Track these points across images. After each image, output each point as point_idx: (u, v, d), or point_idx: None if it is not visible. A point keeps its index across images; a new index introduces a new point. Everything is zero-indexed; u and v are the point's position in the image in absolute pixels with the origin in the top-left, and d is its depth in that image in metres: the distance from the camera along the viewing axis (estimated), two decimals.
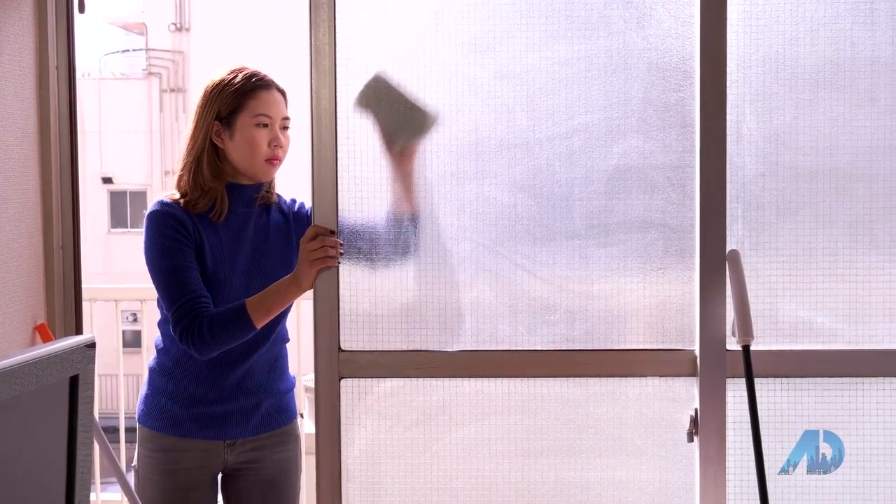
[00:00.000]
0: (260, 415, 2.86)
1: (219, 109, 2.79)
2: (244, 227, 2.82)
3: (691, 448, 2.60)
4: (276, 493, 2.91)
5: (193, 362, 2.79)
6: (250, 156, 2.78)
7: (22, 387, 1.42)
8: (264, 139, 2.78)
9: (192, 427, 2.81)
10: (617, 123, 2.57)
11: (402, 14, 2.58)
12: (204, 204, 2.78)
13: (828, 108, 2.55)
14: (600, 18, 2.55)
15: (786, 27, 2.53)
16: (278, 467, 2.91)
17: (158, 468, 2.82)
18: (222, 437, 2.84)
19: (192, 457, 2.83)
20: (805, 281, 2.57)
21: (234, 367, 2.80)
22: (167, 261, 2.73)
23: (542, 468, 2.63)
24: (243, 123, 2.77)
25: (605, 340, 2.60)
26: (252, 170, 2.80)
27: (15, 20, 2.96)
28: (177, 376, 2.82)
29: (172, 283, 2.72)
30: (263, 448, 2.88)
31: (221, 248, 2.78)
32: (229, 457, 2.85)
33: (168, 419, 2.82)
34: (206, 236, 2.76)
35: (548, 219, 2.59)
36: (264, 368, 2.85)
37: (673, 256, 2.58)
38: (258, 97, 2.79)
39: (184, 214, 2.76)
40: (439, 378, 2.62)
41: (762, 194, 2.56)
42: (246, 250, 2.81)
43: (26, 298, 3.03)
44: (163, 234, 2.74)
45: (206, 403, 2.81)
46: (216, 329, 2.66)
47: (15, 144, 2.97)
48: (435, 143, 2.58)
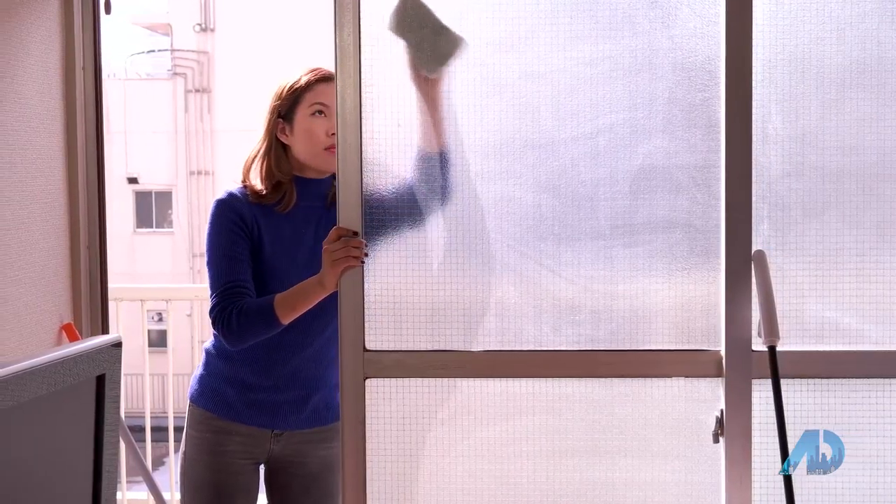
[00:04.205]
0: (309, 408, 2.93)
1: (280, 108, 2.90)
2: (307, 221, 2.89)
3: (717, 449, 2.59)
4: (319, 489, 2.97)
5: (255, 348, 2.85)
6: (310, 146, 2.87)
7: (49, 386, 1.42)
8: (321, 128, 2.86)
9: (244, 411, 2.89)
10: (642, 123, 2.56)
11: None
12: (273, 196, 2.87)
13: (854, 107, 2.53)
14: (625, 18, 2.55)
15: (812, 27, 2.52)
16: (323, 463, 2.97)
17: (206, 448, 2.89)
18: (271, 426, 2.91)
19: (240, 441, 2.90)
20: (832, 281, 2.56)
21: (290, 357, 2.88)
22: (220, 250, 2.83)
23: (567, 468, 2.63)
24: (301, 115, 2.88)
25: (630, 341, 2.60)
26: (314, 160, 2.88)
27: (42, 22, 2.98)
28: (234, 360, 2.90)
29: (220, 269, 2.81)
30: (309, 443, 2.95)
31: (282, 238, 2.86)
32: (275, 447, 2.92)
33: (221, 401, 2.90)
34: (266, 227, 2.85)
35: (572, 219, 2.58)
36: (319, 361, 2.92)
37: (698, 257, 2.57)
38: (314, 89, 2.89)
39: (246, 206, 2.85)
40: (464, 378, 2.62)
41: (788, 194, 2.55)
42: (307, 244, 2.87)
43: (53, 298, 3.05)
44: (221, 224, 2.84)
45: (259, 390, 2.89)
46: (243, 320, 2.73)
47: (42, 145, 2.99)
48: (459, 143, 2.58)
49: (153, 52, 22.24)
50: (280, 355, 2.88)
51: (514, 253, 2.59)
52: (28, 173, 2.91)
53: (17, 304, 2.86)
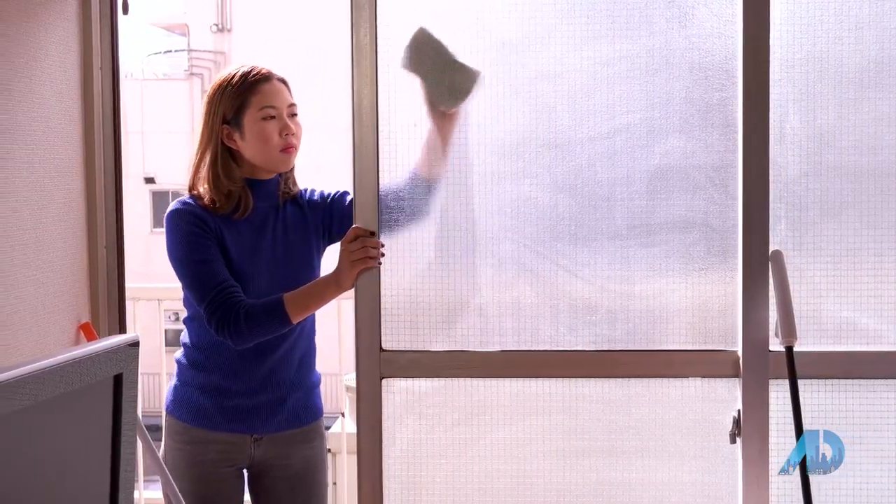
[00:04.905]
0: (287, 410, 2.88)
1: (224, 112, 2.79)
2: (265, 223, 2.84)
3: (734, 450, 2.58)
4: (305, 489, 2.93)
5: (221, 355, 2.82)
6: (265, 150, 2.78)
7: (66, 385, 1.43)
8: (274, 130, 2.78)
9: (220, 419, 2.84)
10: (659, 123, 2.55)
11: (444, 14, 2.58)
12: (227, 206, 2.79)
13: (873, 107, 2.52)
14: (642, 18, 2.54)
15: (830, 26, 2.51)
16: (306, 463, 2.92)
17: (186, 460, 2.85)
18: (249, 430, 2.86)
19: (219, 449, 2.85)
20: (849, 281, 2.55)
21: (262, 360, 2.82)
22: (193, 255, 2.75)
23: (584, 469, 2.62)
24: (250, 120, 2.77)
25: (646, 341, 2.59)
26: (270, 163, 2.81)
27: (60, 22, 2.99)
28: (206, 368, 2.85)
29: (201, 277, 2.74)
30: (290, 445, 2.90)
31: (243, 244, 2.80)
32: (256, 452, 2.87)
33: (196, 411, 2.85)
34: (228, 233, 2.78)
35: (589, 219, 2.58)
36: (292, 362, 2.87)
37: (715, 257, 2.57)
38: (259, 91, 2.78)
39: (205, 213, 2.78)
40: (480, 378, 2.61)
41: (805, 194, 2.54)
42: (268, 245, 2.82)
43: (71, 297, 3.06)
44: (185, 231, 2.76)
45: (234, 396, 2.84)
46: (252, 321, 2.68)
47: (60, 144, 3.00)
48: (476, 143, 2.58)
49: (170, 53, 22.29)
50: (251, 359, 2.82)
51: (531, 253, 2.58)
52: (46, 173, 2.92)
53: (35, 304, 2.87)
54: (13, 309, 2.78)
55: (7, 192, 2.74)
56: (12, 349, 2.76)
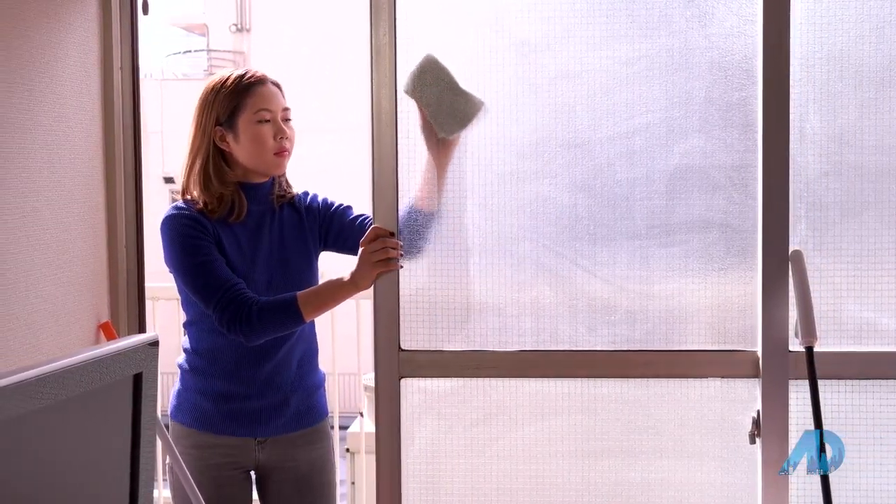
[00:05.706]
0: (290, 412, 2.88)
1: (217, 114, 2.81)
2: (261, 226, 2.84)
3: (753, 450, 2.57)
4: (312, 491, 2.93)
5: (221, 359, 2.82)
6: (259, 153, 2.79)
7: (86, 384, 1.43)
8: (269, 134, 2.79)
9: (223, 423, 2.84)
10: (678, 123, 2.55)
11: (463, 14, 2.58)
12: (221, 210, 2.80)
13: (894, 106, 2.51)
14: (662, 17, 2.54)
15: (850, 25, 2.50)
16: (312, 464, 2.92)
17: (191, 464, 2.85)
18: (253, 434, 2.86)
19: (224, 453, 2.86)
20: (870, 282, 2.54)
21: (262, 364, 2.82)
22: (194, 258, 2.74)
23: (602, 469, 2.62)
24: (245, 123, 2.78)
25: (665, 341, 2.59)
26: (263, 166, 2.82)
27: (80, 22, 3.00)
28: (206, 373, 2.85)
29: (206, 278, 2.73)
30: (295, 447, 2.90)
31: (240, 247, 2.80)
32: (261, 455, 2.87)
33: (199, 415, 2.86)
34: (225, 237, 2.78)
35: (608, 219, 2.58)
36: (294, 363, 2.87)
37: (735, 257, 2.56)
38: (254, 93, 2.79)
39: (200, 216, 2.78)
40: (499, 378, 2.61)
41: (826, 194, 2.53)
42: (264, 248, 2.83)
43: (91, 297, 3.07)
44: (183, 234, 2.76)
45: (236, 400, 2.84)
46: (265, 318, 2.68)
47: (80, 144, 3.01)
48: (495, 143, 2.58)
49: (189, 53, 22.34)
50: (250, 363, 2.82)
51: (550, 252, 2.58)
52: (66, 174, 2.93)
53: (56, 303, 2.88)
54: (34, 308, 2.79)
55: (28, 191, 2.75)
56: (33, 348, 2.78)
